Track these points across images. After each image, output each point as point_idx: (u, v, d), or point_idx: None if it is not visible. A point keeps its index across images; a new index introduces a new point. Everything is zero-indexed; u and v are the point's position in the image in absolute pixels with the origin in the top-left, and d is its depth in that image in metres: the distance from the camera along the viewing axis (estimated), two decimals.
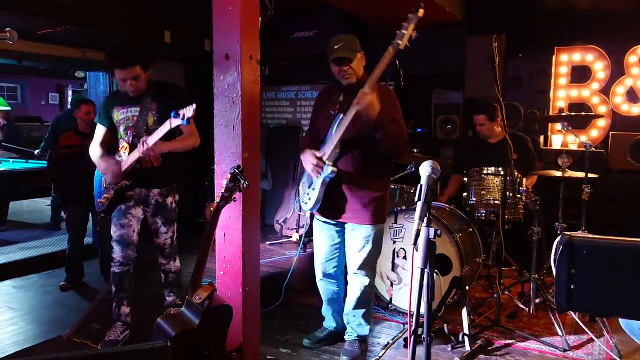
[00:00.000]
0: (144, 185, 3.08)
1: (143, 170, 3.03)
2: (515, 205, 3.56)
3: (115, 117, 3.08)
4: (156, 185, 3.10)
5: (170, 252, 3.22)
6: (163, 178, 3.12)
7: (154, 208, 3.11)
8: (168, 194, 3.14)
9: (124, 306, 3.19)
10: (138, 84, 2.92)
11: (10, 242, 5.49)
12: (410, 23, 2.54)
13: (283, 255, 5.26)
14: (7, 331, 3.44)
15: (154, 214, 3.13)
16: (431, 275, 1.63)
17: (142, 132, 2.95)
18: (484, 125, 4.06)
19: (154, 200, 3.10)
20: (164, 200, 3.12)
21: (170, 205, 3.16)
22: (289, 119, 6.45)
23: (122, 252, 3.11)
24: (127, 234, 3.09)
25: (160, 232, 3.15)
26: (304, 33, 5.97)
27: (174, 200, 3.19)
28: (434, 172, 1.74)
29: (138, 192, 3.09)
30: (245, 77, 2.54)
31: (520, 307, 3.66)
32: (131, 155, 2.96)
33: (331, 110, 2.87)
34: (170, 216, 3.17)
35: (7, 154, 7.56)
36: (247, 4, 2.52)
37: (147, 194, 3.10)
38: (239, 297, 2.63)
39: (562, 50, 5.06)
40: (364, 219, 2.87)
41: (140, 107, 2.99)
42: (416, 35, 2.55)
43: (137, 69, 2.87)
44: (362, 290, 2.96)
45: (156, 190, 3.10)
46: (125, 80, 2.89)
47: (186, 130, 3.01)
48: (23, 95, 13.92)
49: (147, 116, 2.98)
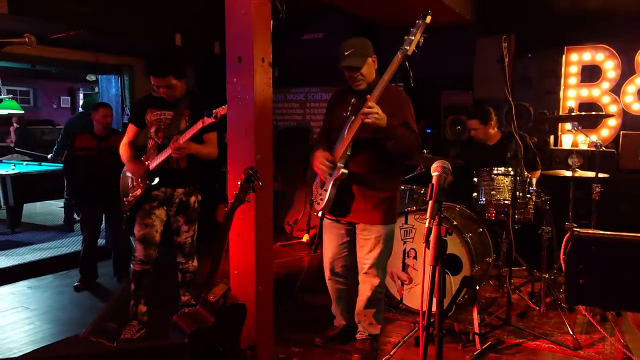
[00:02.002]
0: (170, 185, 3.22)
1: (170, 170, 3.17)
2: (525, 205, 3.56)
3: (148, 117, 3.22)
4: (180, 184, 3.23)
5: (190, 251, 3.31)
6: (187, 178, 3.26)
7: (177, 207, 3.24)
8: (191, 193, 3.27)
9: (141, 304, 3.25)
10: (170, 92, 3.11)
11: (25, 243, 5.58)
12: (417, 29, 2.57)
13: (293, 256, 5.29)
14: (23, 330, 3.50)
15: (176, 212, 3.25)
16: (442, 272, 1.65)
17: (173, 134, 3.10)
18: (477, 129, 4.08)
19: (178, 199, 3.23)
20: (187, 198, 3.25)
21: (193, 204, 3.28)
22: (299, 121, 6.49)
23: (144, 250, 3.19)
24: (150, 233, 3.19)
25: (182, 230, 3.26)
26: (313, 35, 6.01)
27: (197, 200, 3.31)
28: (444, 171, 1.77)
29: (163, 192, 3.22)
30: (258, 79, 2.58)
31: (531, 306, 3.66)
32: (161, 155, 3.12)
33: (344, 112, 2.90)
34: (192, 215, 3.29)
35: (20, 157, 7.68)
36: (259, 7, 2.56)
37: (171, 193, 3.23)
38: (252, 296, 2.67)
39: (571, 49, 5.05)
40: (375, 218, 2.89)
41: (175, 111, 3.16)
42: (424, 40, 2.58)
43: (170, 79, 3.05)
44: (373, 290, 2.98)
45: (180, 190, 3.23)
46: (159, 87, 3.09)
47: (208, 140, 3.21)
48: (35, 98, 14.09)
49: (179, 121, 3.15)
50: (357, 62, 2.78)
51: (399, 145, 2.74)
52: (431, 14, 2.52)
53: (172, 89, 3.11)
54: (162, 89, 3.09)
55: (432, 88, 5.50)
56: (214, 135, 3.24)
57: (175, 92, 3.14)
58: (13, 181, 5.59)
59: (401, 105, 2.84)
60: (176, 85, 3.11)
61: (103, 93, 6.36)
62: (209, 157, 3.25)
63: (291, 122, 6.54)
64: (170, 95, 3.14)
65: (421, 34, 2.56)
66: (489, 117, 4.02)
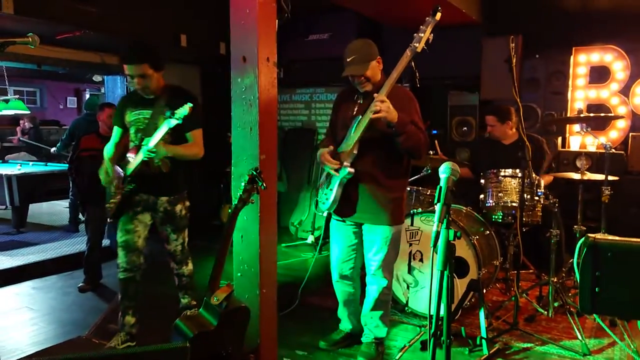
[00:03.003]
0: (151, 192, 3.03)
1: (151, 176, 2.96)
2: (533, 207, 3.52)
3: (127, 117, 3.05)
4: (164, 192, 3.05)
5: (181, 258, 3.18)
6: (171, 185, 3.07)
7: (162, 216, 3.07)
8: (177, 202, 3.09)
9: (128, 315, 3.10)
10: (145, 83, 2.90)
11: (30, 243, 5.58)
12: (427, 26, 2.55)
13: (298, 258, 5.27)
14: (27, 331, 3.49)
15: (162, 221, 3.09)
16: (450, 277, 1.62)
17: (151, 135, 2.88)
18: (493, 126, 4.05)
19: (163, 208, 3.06)
20: (172, 207, 3.07)
21: (179, 212, 3.10)
22: (304, 122, 6.46)
23: (126, 257, 3.05)
24: (131, 239, 3.04)
25: (170, 239, 3.12)
26: (318, 35, 5.98)
27: (184, 207, 3.14)
28: (453, 173, 1.73)
29: (145, 198, 3.05)
30: (263, 79, 2.56)
31: (539, 311, 3.61)
32: (136, 158, 2.94)
33: (350, 111, 2.88)
34: (180, 223, 3.12)
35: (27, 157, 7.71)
36: (264, 7, 2.53)
37: (154, 201, 3.05)
38: (255, 299, 2.64)
39: (579, 50, 4.99)
40: (381, 219, 2.86)
41: (153, 110, 2.97)
42: (432, 37, 2.55)
43: (144, 67, 2.85)
44: (380, 292, 2.95)
45: (164, 198, 3.05)
46: (133, 77, 2.88)
47: (193, 139, 3.00)
48: (42, 99, 14.16)
49: (158, 120, 2.92)
50: (358, 70, 2.76)
51: (410, 142, 2.71)
52: (441, 11, 2.49)
53: (147, 80, 2.89)
54: (136, 79, 2.88)
55: (438, 89, 5.47)
56: (198, 133, 3.02)
57: (151, 84, 2.92)
58: (19, 181, 5.59)
59: (408, 104, 2.81)
60: (152, 76, 2.90)
61: (109, 93, 6.36)
62: (194, 158, 3.03)
63: (296, 123, 6.51)
64: (145, 87, 2.92)
65: (431, 31, 2.53)
66: (507, 117, 3.98)
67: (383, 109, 2.57)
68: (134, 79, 2.89)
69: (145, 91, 2.96)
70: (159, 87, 2.99)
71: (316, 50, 5.98)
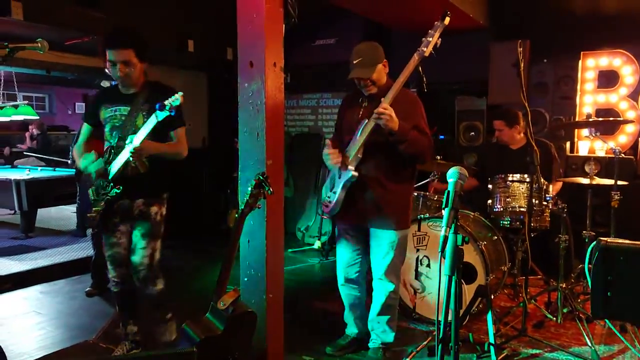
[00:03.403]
0: (128, 195, 2.75)
1: (127, 177, 2.68)
2: (541, 212, 3.49)
3: (102, 114, 2.80)
4: (140, 194, 2.77)
5: (146, 274, 2.79)
6: (149, 186, 2.79)
7: (135, 219, 2.79)
8: (152, 203, 2.80)
9: (130, 325, 3.02)
10: (128, 70, 2.63)
11: (38, 248, 5.60)
12: (436, 31, 2.54)
13: (305, 263, 5.25)
14: (34, 335, 3.50)
15: (134, 225, 2.81)
16: (458, 282, 1.60)
17: (129, 133, 2.63)
18: (501, 130, 4.03)
19: (137, 211, 2.78)
20: (147, 209, 2.78)
21: (154, 215, 2.80)
22: (311, 127, 6.47)
23: (115, 271, 2.89)
24: (117, 252, 2.85)
25: (137, 247, 2.77)
26: (325, 40, 6.00)
27: (160, 212, 2.83)
28: (461, 177, 1.72)
29: (121, 204, 2.77)
30: (269, 84, 2.56)
31: (547, 317, 3.58)
32: (119, 158, 2.66)
33: (355, 115, 2.88)
34: (152, 229, 2.79)
35: (35, 162, 7.75)
36: (271, 12, 2.54)
37: (129, 205, 2.78)
38: (262, 303, 2.64)
39: (588, 54, 4.97)
40: (388, 224, 2.85)
41: (131, 106, 2.71)
42: (440, 42, 2.55)
43: (129, 53, 2.61)
44: (387, 296, 2.94)
45: (140, 200, 2.78)
46: (115, 63, 2.61)
47: (177, 137, 2.80)
48: (51, 104, 14.28)
49: (136, 117, 2.69)
50: (365, 73, 2.76)
51: (412, 149, 2.71)
52: (449, 16, 2.49)
53: (130, 68, 2.63)
54: (119, 65, 2.60)
55: (445, 93, 5.46)
56: (182, 131, 2.81)
57: (133, 74, 2.66)
58: (27, 186, 5.63)
59: (413, 108, 2.80)
60: (135, 65, 2.64)
61: None
62: (177, 157, 2.79)
63: (303, 128, 6.52)
64: (126, 76, 2.64)
65: (439, 35, 2.53)
66: (515, 121, 3.96)
67: (385, 116, 2.57)
68: (116, 65, 2.61)
69: (126, 81, 2.70)
70: (139, 81, 2.75)
71: (323, 55, 6.00)
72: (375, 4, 4.55)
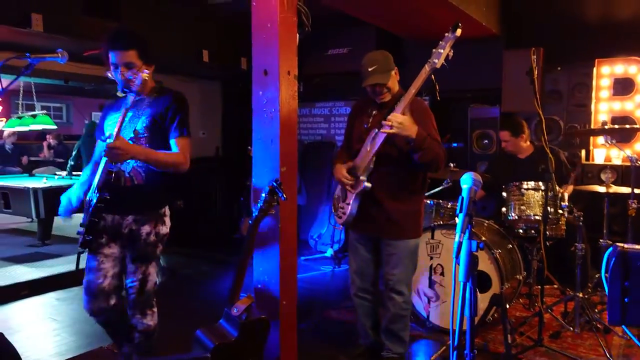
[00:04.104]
0: (117, 210, 2.41)
1: (118, 188, 2.37)
2: (557, 220, 3.45)
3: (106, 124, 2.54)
4: (130, 209, 2.43)
5: (137, 301, 2.46)
6: (142, 201, 2.45)
7: (125, 239, 2.45)
8: (144, 222, 2.43)
9: (124, 346, 2.66)
10: (131, 74, 2.37)
11: (54, 255, 5.67)
12: (447, 42, 2.54)
13: (317, 271, 5.25)
14: (50, 342, 3.54)
15: (124, 245, 2.47)
16: (473, 289, 1.59)
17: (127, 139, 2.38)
18: (507, 141, 4.01)
19: (127, 229, 2.44)
20: (137, 227, 2.42)
21: (144, 236, 2.43)
22: (323, 135, 6.49)
23: (89, 303, 2.46)
24: (93, 281, 2.43)
25: (128, 270, 2.46)
26: (338, 50, 6.04)
27: (154, 231, 2.45)
28: (475, 184, 1.72)
29: (110, 220, 2.44)
30: (283, 93, 2.58)
31: (564, 327, 3.53)
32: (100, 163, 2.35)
33: (364, 123, 2.88)
34: (143, 250, 2.44)
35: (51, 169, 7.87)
36: (285, 21, 2.57)
37: (119, 222, 2.44)
38: (275, 311, 2.64)
39: (603, 62, 4.93)
40: (399, 233, 2.84)
41: (134, 111, 2.44)
42: (452, 53, 2.55)
43: (132, 54, 2.38)
44: (399, 306, 2.91)
45: (130, 217, 2.43)
46: (117, 66, 2.39)
47: (178, 147, 2.43)
48: (68, 114, 14.51)
49: (137, 123, 2.43)
50: (383, 78, 2.76)
51: (428, 157, 2.69)
52: (461, 27, 2.49)
53: (132, 71, 2.36)
54: (120, 68, 2.37)
55: (458, 101, 5.45)
56: (186, 142, 2.44)
57: (136, 77, 2.37)
58: (44, 194, 5.71)
59: (424, 117, 2.80)
60: (139, 68, 2.37)
61: None
62: (175, 170, 2.43)
63: (316, 137, 6.55)
64: (128, 81, 2.37)
65: (450, 47, 2.53)
66: (520, 130, 3.95)
67: (394, 125, 2.57)
68: (117, 68, 2.40)
69: (129, 86, 2.38)
70: (146, 86, 2.46)
71: (335, 64, 6.04)
72: (388, 13, 4.57)
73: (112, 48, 2.40)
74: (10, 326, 3.76)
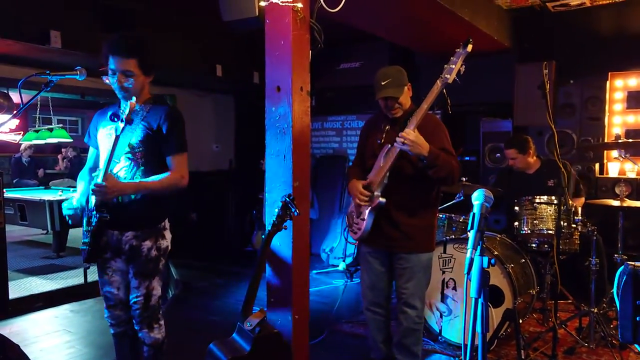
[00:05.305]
0: (116, 225, 2.38)
1: (114, 204, 2.35)
2: (570, 235, 3.43)
3: (99, 136, 2.49)
4: (130, 225, 2.39)
5: (143, 316, 2.44)
6: (141, 217, 2.40)
7: (127, 255, 2.42)
8: (145, 237, 2.40)
9: None
10: (127, 82, 2.32)
11: (68, 267, 5.74)
12: (458, 58, 2.56)
13: (329, 284, 5.24)
14: (64, 354, 3.57)
15: (126, 261, 2.44)
16: (485, 305, 1.60)
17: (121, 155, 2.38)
18: (515, 158, 4.00)
19: (127, 245, 2.40)
20: (138, 243, 2.39)
21: (146, 251, 2.40)
22: (335, 149, 6.52)
23: (109, 311, 2.52)
24: (109, 292, 2.49)
25: (132, 285, 2.44)
26: (350, 64, 6.09)
27: (156, 245, 2.42)
28: (487, 200, 1.72)
29: (110, 235, 2.41)
30: (296, 108, 2.62)
31: (579, 343, 3.48)
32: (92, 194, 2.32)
33: (377, 139, 2.89)
34: (145, 267, 2.41)
35: (67, 182, 7.98)
36: (298, 38, 2.61)
37: (119, 238, 2.41)
38: (288, 325, 2.65)
39: (616, 75, 4.92)
40: (412, 247, 2.84)
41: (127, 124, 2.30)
42: (464, 68, 2.57)
43: (131, 63, 2.31)
44: (412, 320, 2.90)
45: (130, 233, 2.39)
46: (115, 72, 2.32)
47: (174, 165, 2.38)
48: (83, 128, 14.71)
49: (131, 137, 2.38)
50: (396, 92, 2.78)
51: (442, 172, 2.70)
52: (472, 42, 2.51)
53: (130, 80, 2.32)
54: (118, 74, 2.31)
55: (471, 115, 5.47)
56: (182, 158, 2.41)
57: (134, 85, 2.34)
58: (59, 207, 5.80)
59: (437, 131, 2.81)
60: (137, 78, 2.33)
61: None
62: (174, 189, 2.39)
63: (328, 150, 6.58)
64: (124, 88, 2.33)
65: (462, 62, 2.55)
66: (527, 146, 3.94)
67: (407, 143, 2.59)
68: (115, 75, 2.33)
69: (123, 93, 2.35)
70: (142, 97, 2.42)
71: (348, 78, 6.09)
72: (401, 28, 4.61)
73: (113, 53, 2.33)
74: (25, 338, 3.80)
